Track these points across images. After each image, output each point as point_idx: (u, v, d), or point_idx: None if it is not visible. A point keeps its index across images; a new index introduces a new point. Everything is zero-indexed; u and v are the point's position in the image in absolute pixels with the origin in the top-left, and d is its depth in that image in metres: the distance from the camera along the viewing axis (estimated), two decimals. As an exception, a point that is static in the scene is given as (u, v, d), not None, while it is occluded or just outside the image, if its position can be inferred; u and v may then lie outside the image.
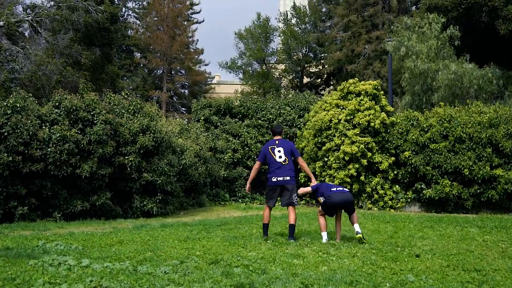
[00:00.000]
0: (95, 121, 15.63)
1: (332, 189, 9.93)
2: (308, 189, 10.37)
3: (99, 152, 15.22)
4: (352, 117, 20.38)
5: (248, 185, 10.97)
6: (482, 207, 18.78)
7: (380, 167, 19.79)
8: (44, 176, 14.71)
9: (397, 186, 19.92)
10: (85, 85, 17.59)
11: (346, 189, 10.14)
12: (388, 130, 20.40)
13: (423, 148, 19.58)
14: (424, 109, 23.86)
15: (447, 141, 19.14)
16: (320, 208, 10.15)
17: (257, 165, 10.63)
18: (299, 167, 10.94)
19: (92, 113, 15.84)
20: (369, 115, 20.14)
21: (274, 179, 10.22)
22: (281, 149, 10.35)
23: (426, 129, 19.79)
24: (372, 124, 19.96)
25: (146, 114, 17.38)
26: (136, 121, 16.62)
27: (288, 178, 10.19)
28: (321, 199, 9.99)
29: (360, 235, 9.71)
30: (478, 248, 9.51)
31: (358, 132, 19.94)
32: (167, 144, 17.62)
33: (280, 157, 10.28)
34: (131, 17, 65.23)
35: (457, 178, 18.88)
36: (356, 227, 9.88)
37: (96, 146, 15.26)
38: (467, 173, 18.41)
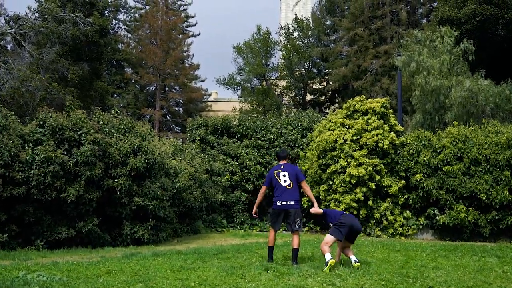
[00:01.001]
0: (83, 141, 15.62)
1: (344, 213, 10.94)
2: (320, 210, 11.25)
3: (86, 174, 15.18)
4: (358, 137, 20.36)
5: (255, 209, 11.96)
6: (501, 234, 18.67)
7: (389, 191, 19.72)
8: (26, 200, 14.64)
9: (408, 211, 19.83)
10: (72, 103, 17.63)
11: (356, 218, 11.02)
12: (398, 151, 20.37)
13: (436, 170, 19.53)
14: (437, 129, 23.84)
15: (462, 163, 19.09)
16: (327, 237, 10.60)
17: (263, 189, 11.68)
18: (302, 190, 11.56)
19: (79, 132, 15.83)
20: (377, 135, 20.13)
21: (278, 203, 11.14)
22: (286, 173, 11.27)
23: (438, 150, 19.77)
24: (380, 144, 19.93)
25: (137, 133, 17.37)
26: (126, 141, 16.61)
27: (292, 202, 11.06)
28: (331, 225, 10.75)
29: (359, 264, 10.23)
30: (497, 280, 9.42)
31: (365, 153, 19.90)
32: (160, 166, 17.58)
33: (285, 181, 11.18)
34: (122, 30, 65.78)
35: (473, 203, 18.79)
36: (353, 257, 10.54)
37: (83, 168, 15.23)
38: (484, 198, 18.34)
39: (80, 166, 15.23)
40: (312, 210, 11.26)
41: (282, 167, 11.48)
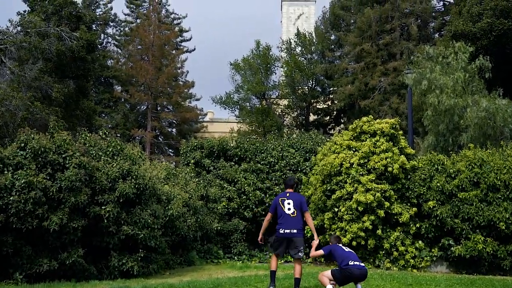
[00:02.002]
0: (67, 165, 15.56)
1: (350, 263, 11.18)
2: (320, 252, 11.85)
3: (71, 201, 15.10)
4: (366, 160, 20.32)
5: (260, 236, 12.79)
6: (522, 267, 18.57)
7: (399, 219, 19.62)
8: (5, 229, 14.53)
9: (420, 241, 19.72)
10: (56, 123, 17.60)
11: (362, 264, 11.48)
12: (409, 176, 20.32)
13: (450, 197, 19.46)
14: (451, 152, 23.83)
15: (479, 189, 19.03)
16: (329, 274, 11.25)
17: (268, 216, 12.55)
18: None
19: (63, 155, 15.78)
20: (386, 158, 20.09)
21: (281, 231, 11.89)
22: (290, 201, 12.10)
23: (453, 175, 19.72)
24: (389, 169, 19.89)
25: (127, 156, 17.33)
26: (115, 165, 16.56)
27: (295, 231, 11.80)
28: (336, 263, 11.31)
29: None
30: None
31: (373, 178, 19.85)
32: (151, 191, 17.51)
33: (289, 209, 11.99)
34: (111, 45, 66.24)
35: (492, 233, 18.70)
36: None
37: (67, 194, 15.15)
38: (504, 227, 18.24)
39: (64, 192, 15.15)
40: (312, 254, 12.01)
41: (288, 195, 12.34)
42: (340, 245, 12.00)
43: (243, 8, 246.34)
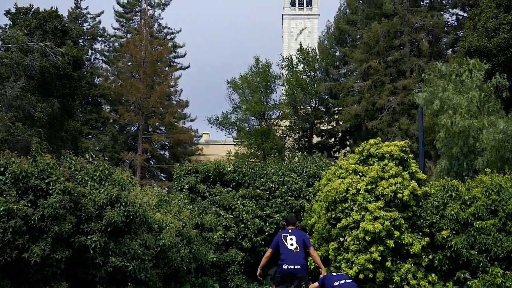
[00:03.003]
0: (51, 191, 15.50)
1: (335, 283, 11.70)
2: (316, 284, 12.52)
3: (54, 230, 15.01)
4: (374, 186, 20.28)
5: (259, 271, 13.73)
6: (544, 302, 18.45)
7: (411, 250, 19.53)
8: (-18, 261, 14.45)
9: (433, 275, 19.61)
10: (39, 146, 17.55)
11: (352, 281, 11.96)
12: (420, 203, 20.25)
13: (466, 226, 19.38)
14: (466, 177, 23.78)
15: (496, 218, 18.97)
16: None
17: (268, 252, 13.47)
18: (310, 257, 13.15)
19: (46, 180, 15.72)
20: (395, 184, 20.05)
21: (284, 267, 12.62)
22: (293, 237, 13.03)
23: (468, 203, 19.66)
24: (399, 195, 19.83)
25: (115, 182, 17.28)
26: (102, 190, 16.51)
27: (298, 266, 12.54)
28: None
29: None
30: None
31: (382, 206, 19.78)
32: (142, 220, 17.43)
33: (291, 244, 12.88)
34: (99, 62, 66.46)
35: (511, 265, 18.61)
36: None
37: (50, 223, 15.07)
38: (523, 259, 18.17)
39: (47, 220, 15.07)
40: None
41: (290, 231, 13.35)
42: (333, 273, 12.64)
43: (242, 23, 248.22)
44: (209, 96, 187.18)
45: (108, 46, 67.50)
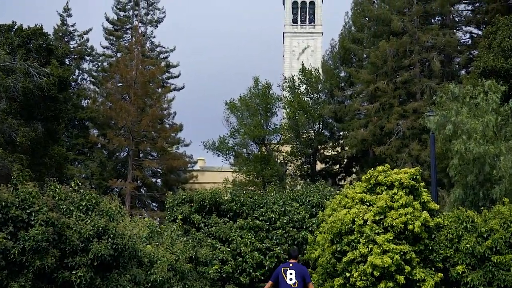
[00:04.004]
0: (32, 222, 15.44)
1: None
2: None
3: (35, 264, 14.93)
4: (382, 217, 20.22)
5: None
6: None
7: (422, 287, 19.43)
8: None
9: (447, 313, 19.52)
10: (20, 173, 17.53)
11: None
12: (433, 236, 20.19)
13: (483, 261, 19.30)
14: (482, 207, 23.70)
15: (515, 252, 18.91)
16: None
17: (268, 284, 14.35)
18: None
19: (28, 211, 15.67)
20: (405, 214, 19.99)
21: None
22: (293, 272, 13.84)
23: (485, 235, 19.59)
24: (410, 226, 19.77)
25: (103, 212, 17.23)
26: (89, 221, 16.46)
27: None
28: None
29: None
30: None
31: (391, 238, 19.71)
32: (131, 253, 17.35)
33: (290, 279, 13.69)
34: (86, 82, 66.67)
35: (532, 303, 18.52)
36: None
37: (32, 257, 14.99)
38: (544, 296, 18.06)
39: (28, 254, 14.99)
40: None
41: (290, 265, 14.14)
42: None
43: (240, 41, 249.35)
44: (205, 120, 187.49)
45: (96, 66, 67.73)
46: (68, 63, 55.97)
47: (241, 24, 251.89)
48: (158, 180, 62.61)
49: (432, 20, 51.94)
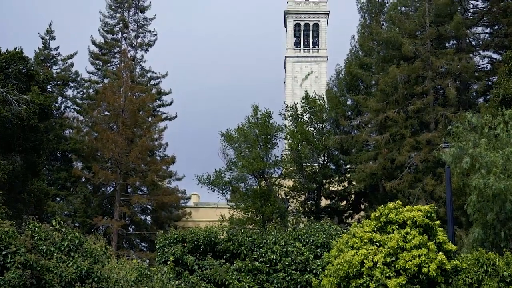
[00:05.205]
0: (8, 265, 15.37)
1: None
2: None
3: (12, 311, 14.83)
4: (394, 259, 20.13)
5: None
6: None
7: (439, 337, 19.32)
8: None
9: None
10: (-4, 210, 17.50)
11: None
12: (450, 280, 20.08)
13: (505, 307, 19.19)
14: (504, 249, 23.64)
15: (541, 297, 18.80)
16: None
17: None
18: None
19: (4, 252, 15.61)
20: (419, 256, 19.90)
21: None
22: None
23: (508, 280, 19.49)
24: (424, 270, 19.67)
25: (87, 253, 17.16)
26: (71, 264, 16.38)
27: None
28: None
29: None
30: None
31: (403, 282, 19.61)
32: (117, 299, 17.25)
33: None
34: (70, 111, 66.69)
35: None
36: None
37: (8, 303, 14.89)
38: None
39: (4, 300, 14.89)
40: None
41: None
42: None
43: (239, 66, 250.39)
44: (200, 152, 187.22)
45: (81, 93, 67.88)
46: (50, 89, 56.17)
47: (239, 48, 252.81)
48: (148, 218, 62.49)
49: (447, 44, 52.07)
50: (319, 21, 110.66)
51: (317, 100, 57.68)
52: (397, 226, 20.96)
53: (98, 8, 70.29)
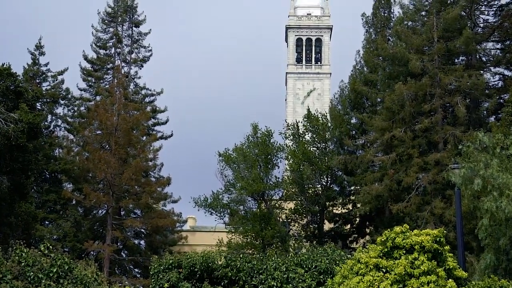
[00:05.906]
0: (-6, 292, 15.29)
1: None
2: None
3: None
4: (401, 286, 20.06)
5: None
6: None
7: None
8: None
9: None
10: (-19, 234, 17.44)
11: None
12: (461, 308, 20.02)
13: (518, 337, 19.10)
14: (517, 275, 23.61)
15: (556, 326, 18.71)
16: None
17: None
18: None
19: (-11, 278, 15.53)
20: (428, 283, 19.84)
21: None
22: None
23: (521, 307, 19.43)
24: (434, 297, 19.62)
25: (77, 280, 17.10)
26: (60, 291, 16.29)
27: None
28: None
29: None
30: None
31: (412, 311, 19.57)
32: (108, 328, 17.18)
33: None
34: (60, 130, 66.70)
35: None
36: None
37: (-8, 332, 14.81)
38: None
39: (-11, 329, 14.79)
40: None
41: None
42: None
43: (238, 82, 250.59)
44: (197, 173, 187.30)
45: (72, 111, 67.80)
46: (39, 107, 56.21)
47: (239, 65, 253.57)
48: (142, 242, 62.38)
49: (456, 60, 52.07)
50: (322, 36, 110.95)
51: (320, 119, 57.69)
52: (404, 251, 20.89)
53: (91, 22, 70.19)
